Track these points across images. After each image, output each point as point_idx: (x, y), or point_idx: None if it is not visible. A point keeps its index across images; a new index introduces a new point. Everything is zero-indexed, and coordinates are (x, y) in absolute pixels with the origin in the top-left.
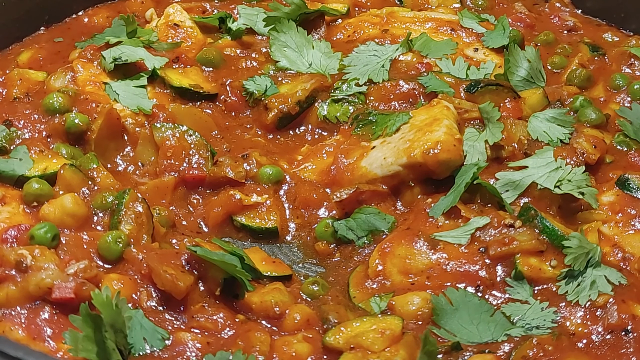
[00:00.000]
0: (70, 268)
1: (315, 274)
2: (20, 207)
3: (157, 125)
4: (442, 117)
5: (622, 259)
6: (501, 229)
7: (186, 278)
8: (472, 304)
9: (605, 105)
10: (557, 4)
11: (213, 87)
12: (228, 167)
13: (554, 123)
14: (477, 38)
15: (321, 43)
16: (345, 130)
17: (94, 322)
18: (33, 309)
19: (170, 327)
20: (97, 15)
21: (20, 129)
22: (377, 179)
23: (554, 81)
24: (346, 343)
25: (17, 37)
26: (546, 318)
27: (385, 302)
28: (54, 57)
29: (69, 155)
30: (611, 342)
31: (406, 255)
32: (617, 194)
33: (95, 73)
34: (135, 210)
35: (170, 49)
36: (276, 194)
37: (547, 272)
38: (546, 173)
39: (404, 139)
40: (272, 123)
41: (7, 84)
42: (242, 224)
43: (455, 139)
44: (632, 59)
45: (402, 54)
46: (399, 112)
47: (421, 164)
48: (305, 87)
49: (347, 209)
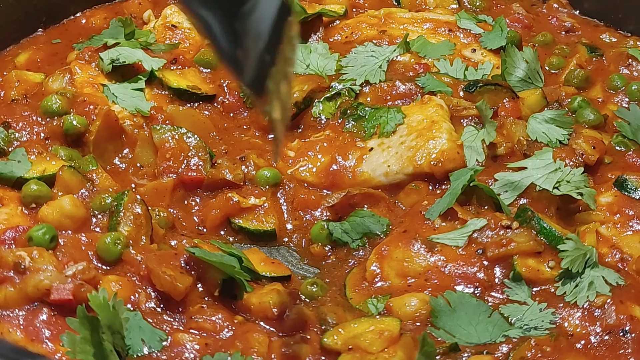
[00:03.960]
0: (68, 270)
1: (312, 276)
2: (18, 209)
3: (157, 127)
4: (439, 119)
5: (620, 260)
6: (498, 231)
7: (185, 279)
8: (470, 305)
9: (604, 106)
10: (554, 4)
11: (211, 89)
12: (226, 170)
13: (552, 124)
14: (475, 39)
15: (319, 44)
16: (334, 125)
17: (91, 324)
18: (31, 310)
19: (168, 328)
20: (95, 17)
21: (18, 131)
22: (381, 185)
23: (552, 82)
24: (344, 344)
25: (15, 38)
26: (544, 319)
27: (382, 303)
28: (51, 58)
29: (67, 157)
30: (609, 342)
31: (404, 257)
32: (615, 194)
33: (93, 75)
34: (134, 212)
35: (168, 51)
36: (274, 196)
37: (545, 273)
38: (545, 174)
39: (406, 145)
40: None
41: (4, 85)
42: (240, 226)
43: (458, 146)
44: (629, 59)
45: (400, 55)
46: (389, 107)
47: (427, 173)
48: (302, 88)
49: (340, 213)
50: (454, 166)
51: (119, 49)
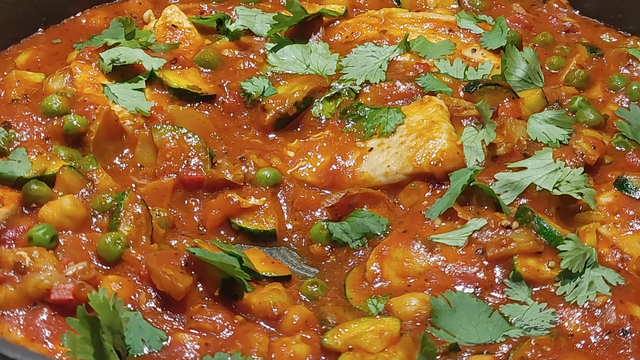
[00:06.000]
0: (68, 269)
1: (312, 276)
2: (18, 209)
3: (157, 127)
4: (439, 119)
5: (620, 260)
6: (498, 231)
7: (185, 279)
8: (470, 304)
9: (604, 106)
10: (555, 4)
11: (211, 89)
12: (226, 170)
13: (552, 124)
14: (475, 39)
15: (319, 44)
16: (334, 125)
17: (91, 324)
18: (31, 310)
19: (168, 328)
20: (95, 17)
21: (18, 131)
22: (381, 185)
23: (552, 82)
24: (344, 344)
25: (15, 38)
26: (544, 319)
27: (382, 303)
28: (51, 58)
29: (67, 157)
30: (609, 342)
31: (404, 258)
32: (616, 194)
33: (94, 75)
34: (134, 212)
35: (168, 50)
36: (274, 196)
37: (545, 273)
38: (545, 174)
39: (406, 145)
40: (269, 124)
41: (5, 85)
42: (240, 226)
43: (458, 146)
44: (630, 59)
45: (400, 55)
46: (389, 108)
47: (427, 173)
48: (302, 88)
49: (340, 214)
50: (454, 166)
51: (119, 49)
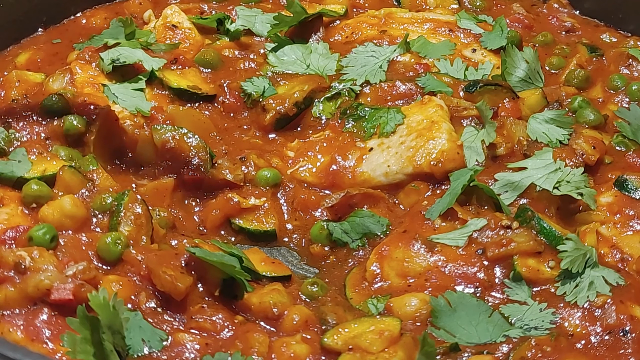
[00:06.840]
0: (68, 269)
1: (312, 276)
2: (19, 209)
3: (157, 127)
4: (439, 119)
5: (620, 260)
6: (498, 231)
7: (185, 279)
8: (470, 304)
9: (604, 106)
10: (555, 4)
11: (211, 89)
12: (226, 170)
13: (553, 124)
14: (475, 39)
15: (319, 44)
16: (334, 125)
17: (91, 324)
18: (32, 310)
19: (169, 328)
20: (95, 17)
21: (18, 131)
22: (381, 185)
23: (552, 82)
24: (345, 344)
25: (15, 38)
26: (545, 319)
27: (382, 303)
28: (52, 58)
29: (68, 157)
30: (609, 342)
31: (404, 258)
32: (616, 195)
33: (94, 75)
34: (134, 212)
35: (169, 50)
36: (274, 196)
37: (545, 273)
38: (545, 174)
39: (406, 145)
40: (269, 124)
41: (5, 85)
42: (240, 226)
43: (458, 146)
44: (630, 59)
45: (400, 55)
46: (389, 108)
47: (427, 174)
48: (302, 88)
49: (340, 214)
50: (454, 166)
51: (119, 49)
